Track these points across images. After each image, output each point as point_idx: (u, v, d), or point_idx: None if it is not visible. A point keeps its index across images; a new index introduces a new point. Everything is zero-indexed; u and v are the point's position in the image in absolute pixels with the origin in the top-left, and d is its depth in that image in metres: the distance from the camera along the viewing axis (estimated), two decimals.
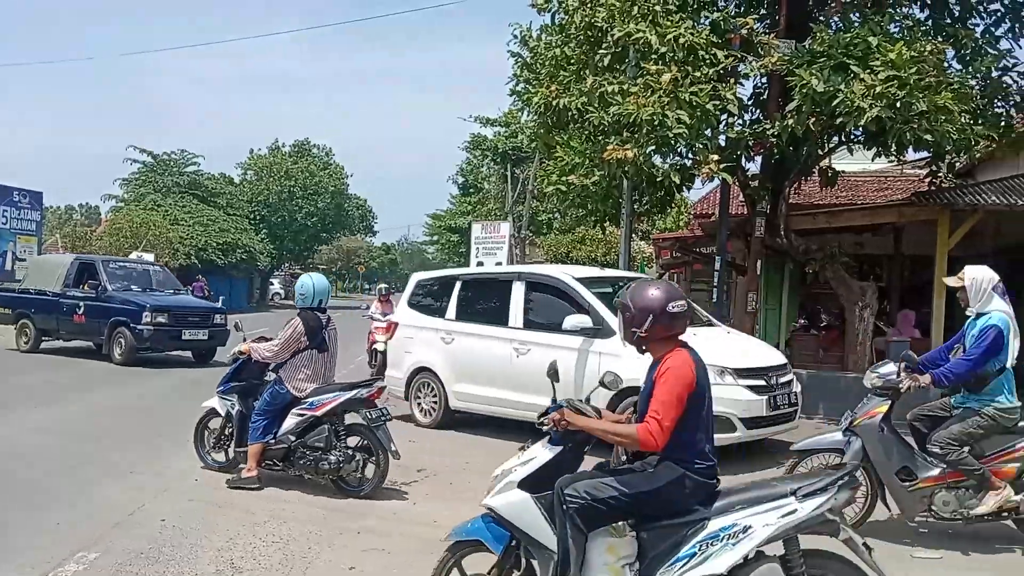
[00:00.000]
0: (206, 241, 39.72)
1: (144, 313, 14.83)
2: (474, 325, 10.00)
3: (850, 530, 3.51)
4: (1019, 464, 5.50)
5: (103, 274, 15.96)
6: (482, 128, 39.44)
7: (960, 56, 11.29)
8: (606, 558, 3.60)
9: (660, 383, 3.55)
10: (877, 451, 5.61)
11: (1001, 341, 5.43)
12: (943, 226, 12.13)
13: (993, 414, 5.47)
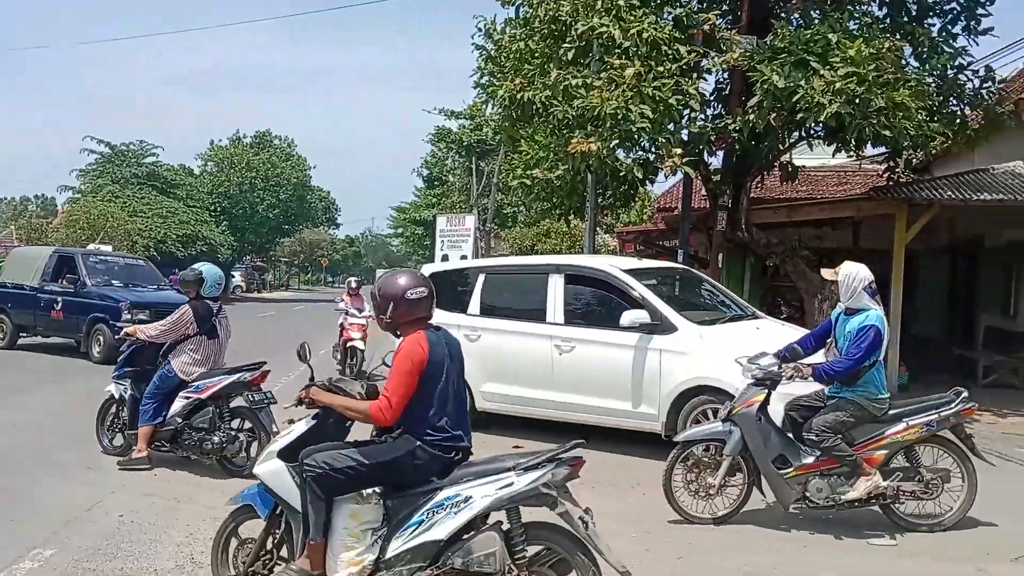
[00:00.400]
0: (165, 233, 39.19)
1: (123, 309, 14.18)
2: (505, 321, 9.34)
3: (568, 504, 3.78)
4: (886, 451, 5.79)
5: (82, 268, 15.30)
6: (447, 121, 39.33)
7: (917, 54, 11.50)
8: (348, 523, 3.93)
9: (394, 363, 3.93)
10: (754, 440, 5.86)
11: (879, 339, 5.71)
12: (900, 220, 12.36)
13: (864, 403, 5.73)
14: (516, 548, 3.78)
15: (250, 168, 49.77)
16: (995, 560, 5.39)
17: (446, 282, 10.23)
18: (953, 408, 5.82)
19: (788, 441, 5.92)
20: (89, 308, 14.67)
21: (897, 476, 5.83)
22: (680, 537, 5.77)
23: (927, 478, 5.81)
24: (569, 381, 8.55)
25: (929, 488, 5.81)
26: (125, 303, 14.12)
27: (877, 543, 5.71)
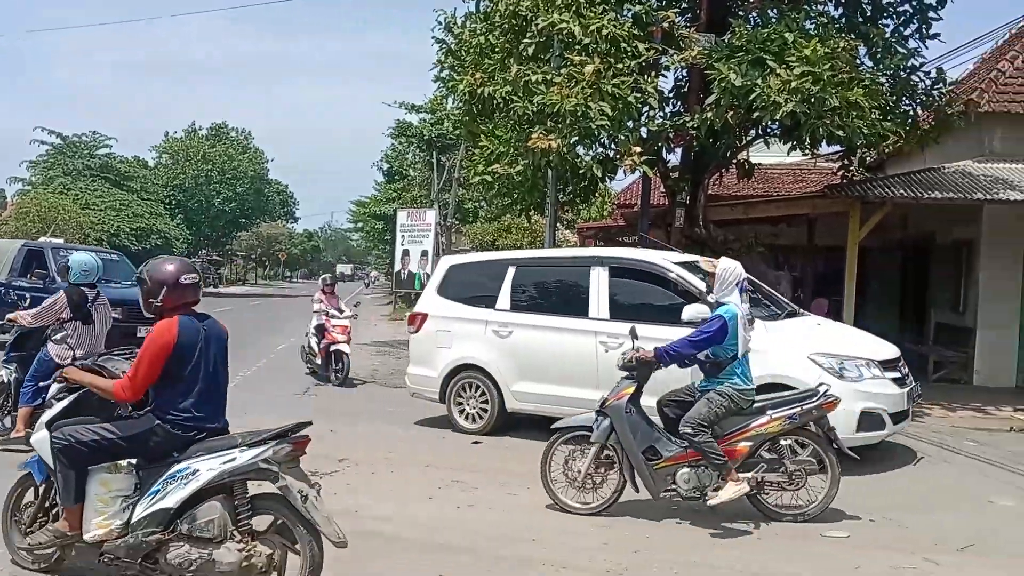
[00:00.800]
0: (119, 226, 38.48)
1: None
2: (541, 316, 8.90)
3: (291, 479, 4.13)
4: (751, 442, 5.96)
5: (51, 262, 14.38)
6: (407, 114, 39.00)
7: (871, 54, 11.71)
8: (99, 490, 4.27)
9: (143, 345, 4.23)
10: (623, 431, 6.00)
11: (725, 331, 5.88)
12: (854, 218, 12.57)
13: (731, 393, 5.91)
14: (241, 517, 4.14)
15: (206, 160, 49.05)
16: (943, 551, 5.53)
17: (468, 275, 9.84)
18: (815, 402, 6.01)
19: (659, 433, 6.09)
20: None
21: (761, 467, 6.00)
22: (639, 531, 5.83)
23: (791, 469, 5.99)
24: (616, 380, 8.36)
25: (793, 479, 6.00)
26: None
27: (830, 535, 5.82)
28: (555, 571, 5.01)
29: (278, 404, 10.63)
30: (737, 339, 5.91)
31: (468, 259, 10.41)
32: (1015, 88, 13.84)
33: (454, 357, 9.29)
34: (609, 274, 8.62)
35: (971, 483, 7.41)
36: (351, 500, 6.38)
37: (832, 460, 6.01)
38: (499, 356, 9.04)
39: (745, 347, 5.98)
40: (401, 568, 5.05)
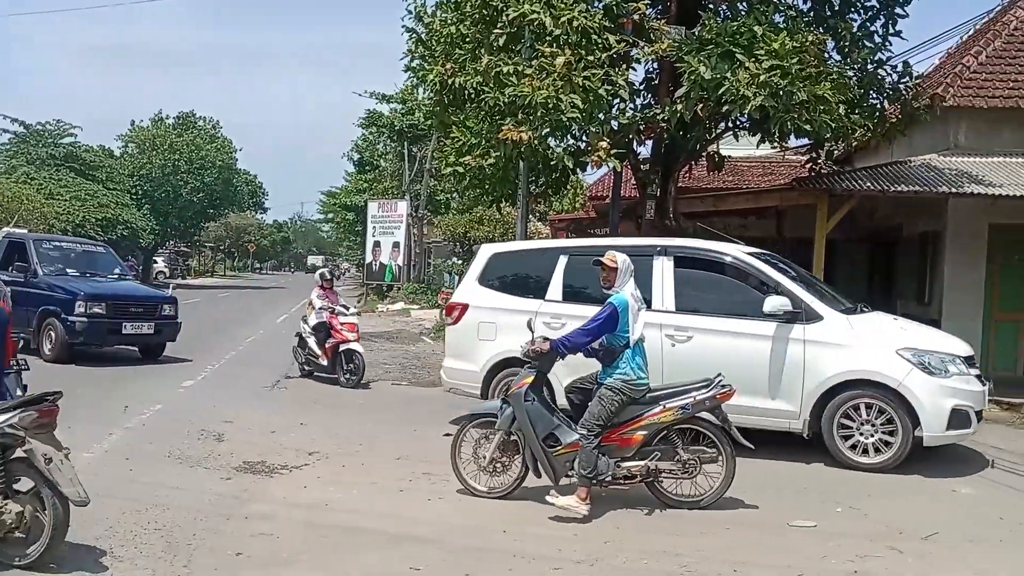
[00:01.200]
0: (84, 217, 37.84)
1: (77, 302, 12.49)
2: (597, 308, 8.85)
3: (36, 443, 4.53)
4: (645, 432, 6.09)
5: (33, 254, 13.65)
6: (378, 104, 38.77)
7: (839, 48, 11.81)
8: None
9: None
10: (523, 419, 6.12)
11: (615, 318, 6.01)
12: (822, 210, 12.71)
13: (620, 386, 6.02)
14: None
15: (173, 150, 48.32)
16: (907, 539, 5.62)
17: (513, 264, 9.43)
18: (709, 392, 6.12)
19: (559, 420, 6.22)
20: (39, 300, 12.97)
21: (655, 456, 6.12)
22: (609, 521, 5.86)
23: (684, 458, 6.12)
24: (685, 375, 7.56)
25: (687, 468, 6.13)
26: (81, 295, 12.60)
27: (797, 524, 5.89)
28: (526, 562, 5.03)
29: (247, 397, 10.56)
30: (629, 327, 6.05)
31: (512, 247, 9.92)
32: (979, 83, 14.04)
33: (499, 350, 8.76)
34: (674, 264, 8.33)
35: (935, 472, 7.53)
36: (321, 493, 6.35)
37: (727, 449, 6.14)
38: None
39: (638, 334, 6.10)
40: (371, 561, 5.03)
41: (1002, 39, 14.88)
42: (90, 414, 8.93)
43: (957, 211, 13.40)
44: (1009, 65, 14.39)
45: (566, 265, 8.82)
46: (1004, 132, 14.04)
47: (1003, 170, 13.26)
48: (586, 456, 5.91)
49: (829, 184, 12.82)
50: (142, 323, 13.16)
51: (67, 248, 15.01)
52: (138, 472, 6.81)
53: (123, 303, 13.13)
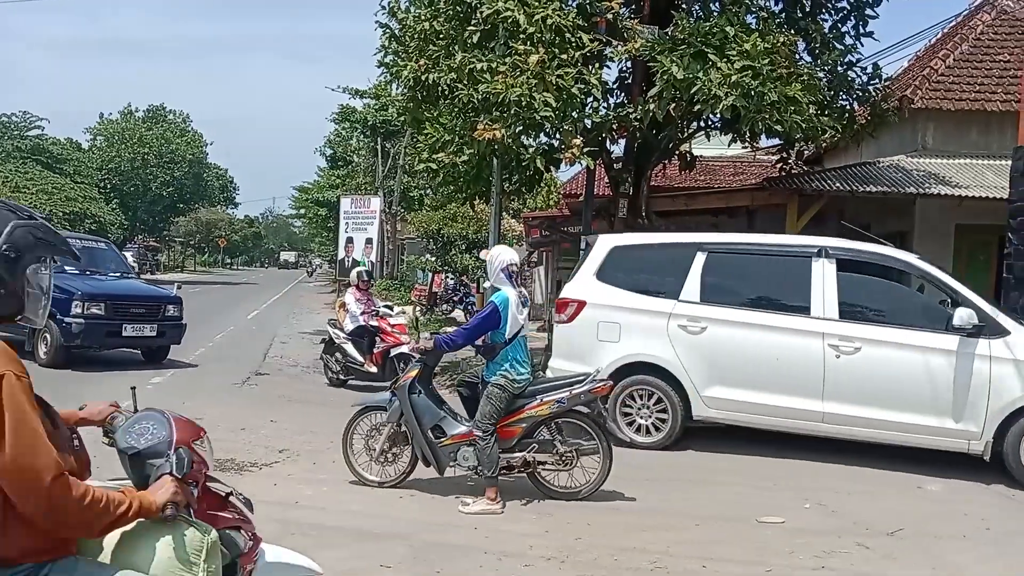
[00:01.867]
0: (51, 211, 37.20)
1: (73, 302, 11.56)
2: (746, 312, 7.92)
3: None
4: (523, 424, 6.21)
5: None
6: (351, 100, 38.53)
7: (810, 49, 11.94)
8: None
9: None
10: (408, 411, 6.25)
11: (497, 317, 6.11)
12: (792, 210, 12.86)
13: (504, 383, 6.13)
14: None
15: (142, 143, 47.75)
16: (873, 535, 5.70)
17: (638, 259, 8.76)
18: (584, 387, 6.24)
19: (445, 412, 6.34)
20: None
21: (533, 448, 6.23)
22: (580, 518, 5.89)
23: (561, 451, 6.24)
24: (850, 389, 7.37)
25: (564, 460, 6.24)
26: (77, 294, 11.69)
27: (765, 520, 5.95)
28: (496, 559, 5.03)
29: (217, 394, 10.46)
30: (506, 325, 6.13)
31: (637, 240, 9.16)
32: (947, 86, 14.28)
33: (624, 353, 8.15)
34: (837, 267, 7.77)
35: (900, 469, 7.64)
36: (290, 491, 6.31)
37: (604, 443, 6.26)
38: (688, 355, 7.99)
39: (515, 329, 6.19)
40: (341, 558, 5.01)
41: (969, 43, 15.14)
42: None
43: (924, 211, 13.61)
44: (976, 69, 14.65)
45: (705, 263, 8.20)
46: (971, 134, 14.30)
47: (969, 171, 13.49)
48: (487, 456, 6.01)
49: (799, 184, 12.98)
50: (144, 324, 12.27)
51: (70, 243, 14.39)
52: (105, 470, 6.68)
53: (123, 303, 12.26)
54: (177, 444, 2.37)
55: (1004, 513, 6.50)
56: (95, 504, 2.04)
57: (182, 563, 2.17)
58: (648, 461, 7.63)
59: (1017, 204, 10.57)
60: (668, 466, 7.52)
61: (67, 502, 1.99)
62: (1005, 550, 5.61)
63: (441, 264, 28.80)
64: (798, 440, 8.02)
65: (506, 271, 6.23)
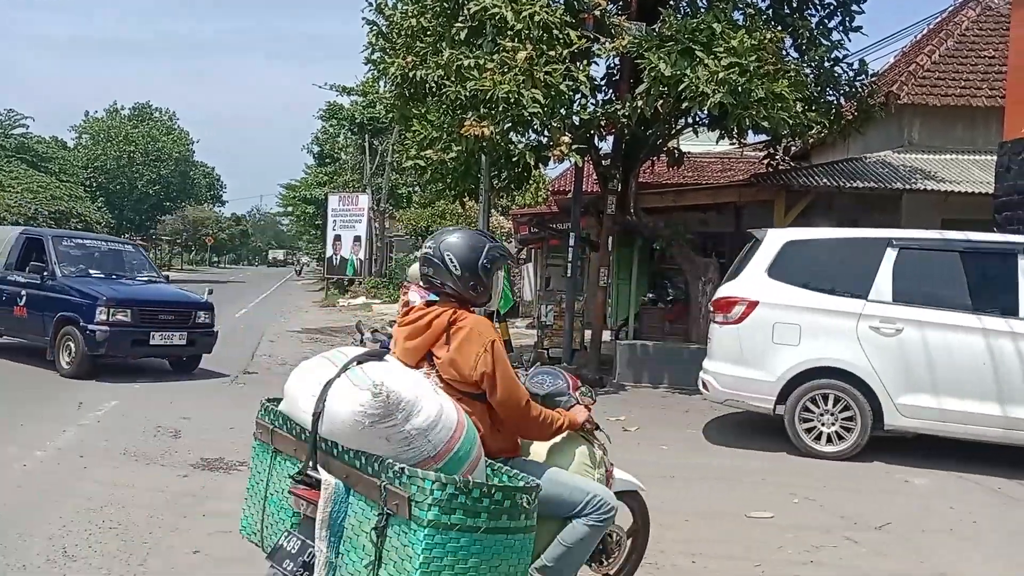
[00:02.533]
0: (36, 209, 37.03)
1: (98, 308, 10.83)
2: (948, 313, 7.41)
3: None
4: None
5: (52, 253, 11.93)
6: (338, 97, 38.43)
7: (797, 45, 11.99)
8: None
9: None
10: None
11: None
12: (780, 206, 12.91)
13: None
14: None
15: (128, 142, 47.58)
16: (862, 529, 5.74)
17: (817, 255, 8.18)
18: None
19: None
20: (57, 305, 11.31)
21: None
22: None
23: None
24: None
25: None
26: (102, 300, 10.98)
27: (755, 515, 5.97)
28: None
29: (206, 392, 10.43)
30: None
31: (814, 234, 8.49)
32: (932, 81, 14.36)
33: (806, 357, 7.69)
34: None
35: (888, 463, 7.68)
36: None
37: None
38: (880, 359, 7.54)
39: None
40: None
41: (954, 39, 15.23)
42: (43, 411, 8.77)
43: (911, 207, 13.69)
44: (961, 64, 14.75)
45: (896, 259, 7.68)
46: (956, 130, 14.40)
47: (955, 167, 13.57)
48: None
49: (787, 180, 13.03)
50: (173, 332, 11.50)
51: (91, 246, 13.12)
52: (92, 470, 6.69)
53: (151, 309, 11.44)
54: (573, 388, 3.73)
55: (990, 507, 6.55)
56: (546, 419, 3.38)
57: (589, 465, 3.58)
58: (634, 458, 7.65)
59: (1003, 199, 10.66)
60: (656, 463, 7.54)
61: (531, 418, 3.31)
62: (992, 544, 5.65)
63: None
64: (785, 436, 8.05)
65: None
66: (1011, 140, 10.55)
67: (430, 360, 3.30)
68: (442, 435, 2.90)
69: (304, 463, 3.10)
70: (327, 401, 2.98)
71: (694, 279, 12.69)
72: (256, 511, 3.46)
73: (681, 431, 9.05)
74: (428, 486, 2.66)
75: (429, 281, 3.41)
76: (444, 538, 2.67)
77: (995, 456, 7.78)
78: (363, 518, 2.86)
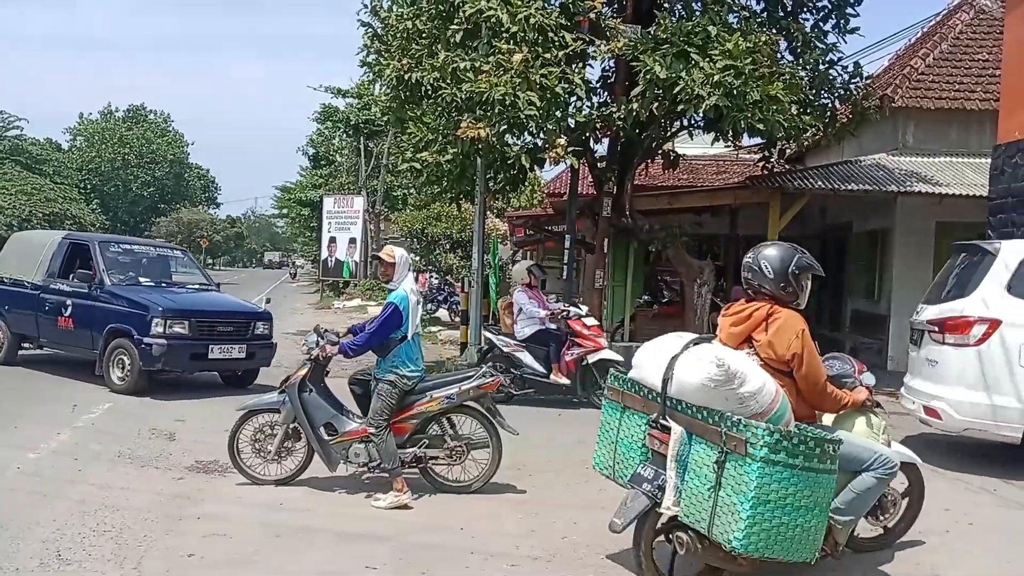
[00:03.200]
0: (30, 211, 36.94)
1: (153, 320, 9.99)
2: None
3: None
4: (415, 420, 6.36)
5: (100, 260, 10.97)
6: (333, 99, 38.38)
7: (792, 48, 12.01)
8: None
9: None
10: (297, 409, 6.38)
11: (398, 315, 6.23)
12: (774, 208, 12.93)
13: (394, 379, 6.26)
14: None
15: (123, 144, 47.50)
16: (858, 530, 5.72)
17: None
18: (473, 383, 6.37)
19: (336, 410, 6.46)
20: (107, 316, 10.42)
21: (424, 443, 6.38)
22: (566, 517, 5.88)
23: (452, 445, 6.41)
24: None
25: (455, 454, 6.40)
26: (158, 310, 10.12)
27: None
28: (482, 559, 5.02)
29: (200, 394, 10.39)
30: (407, 323, 6.27)
31: None
32: (927, 85, 14.40)
33: None
34: None
35: None
36: (275, 492, 6.28)
37: (495, 437, 6.39)
38: None
39: (415, 328, 6.32)
40: (326, 560, 4.99)
41: (948, 42, 15.28)
42: (37, 413, 8.74)
43: (905, 209, 13.73)
44: (955, 68, 14.79)
45: None
46: (950, 132, 14.44)
47: (949, 169, 13.61)
48: (385, 451, 6.12)
49: (781, 183, 13.06)
50: (232, 345, 10.62)
51: (139, 252, 12.10)
52: (87, 473, 6.67)
53: (209, 320, 10.58)
54: (858, 372, 4.83)
55: (986, 508, 6.56)
56: (836, 395, 4.45)
57: (871, 431, 4.67)
58: None
59: (997, 201, 10.69)
60: None
61: (826, 394, 4.39)
62: (988, 545, 5.66)
63: (425, 264, 28.74)
64: None
65: (411, 268, 6.46)
66: (1005, 143, 10.58)
67: (749, 343, 4.37)
68: (766, 399, 3.99)
69: (656, 415, 4.35)
70: (675, 370, 4.17)
71: (689, 281, 12.70)
72: (608, 452, 4.81)
73: None
74: (760, 433, 3.79)
75: (748, 284, 4.49)
76: (771, 471, 3.77)
77: (991, 458, 7.79)
78: (704, 455, 4.01)
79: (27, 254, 12.22)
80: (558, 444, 8.25)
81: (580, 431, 8.45)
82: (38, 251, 11.99)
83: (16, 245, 13.06)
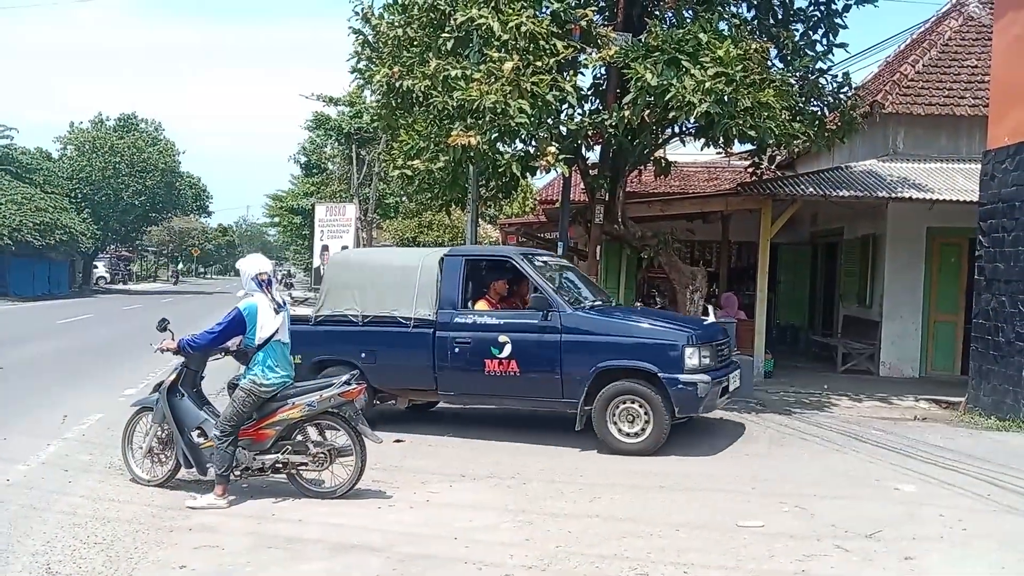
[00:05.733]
0: (20, 221, 36.73)
1: (686, 351, 7.98)
2: None
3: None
4: (277, 427, 6.41)
5: (537, 279, 8.66)
6: (325, 107, 38.33)
7: (782, 56, 12.04)
8: None
9: None
10: (166, 412, 6.50)
11: (241, 322, 6.36)
12: (766, 215, 12.96)
13: (250, 387, 6.32)
14: None
15: (114, 152, 47.14)
16: (851, 537, 5.72)
17: None
18: (333, 391, 6.42)
19: (208, 415, 6.56)
20: (593, 351, 8.20)
21: (287, 449, 6.42)
22: (560, 526, 5.86)
23: (314, 452, 6.44)
24: None
25: (318, 460, 6.43)
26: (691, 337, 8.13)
27: (745, 524, 5.96)
28: (476, 569, 5.00)
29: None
30: (254, 331, 6.33)
31: None
32: (916, 91, 14.46)
33: None
34: None
35: (877, 471, 7.69)
36: (267, 503, 6.25)
37: (358, 444, 6.43)
38: None
39: (267, 335, 6.35)
40: (317, 571, 4.96)
41: (937, 48, 15.35)
42: (27, 425, 8.69)
43: (896, 215, 13.77)
44: (944, 74, 14.86)
45: None
46: (940, 138, 14.50)
47: (940, 175, 13.66)
48: (219, 455, 6.20)
49: (773, 189, 13.09)
50: (731, 372, 8.73)
51: (552, 265, 9.71)
52: (77, 484, 6.63)
53: (720, 345, 8.64)
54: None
55: (979, 514, 6.55)
56: None
57: None
58: (626, 468, 7.64)
59: (987, 207, 10.73)
60: (647, 473, 7.53)
61: None
62: (982, 550, 5.66)
63: None
64: (768, 445, 8.05)
65: (256, 279, 6.45)
66: (994, 149, 10.63)
67: None
68: None
69: None
70: None
71: (682, 287, 12.70)
72: None
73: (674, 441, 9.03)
74: None
75: None
76: None
77: (985, 462, 7.81)
78: None
79: (382, 283, 9.29)
80: (553, 454, 8.23)
81: (576, 439, 8.42)
82: (406, 276, 9.09)
83: (351, 273, 9.73)
